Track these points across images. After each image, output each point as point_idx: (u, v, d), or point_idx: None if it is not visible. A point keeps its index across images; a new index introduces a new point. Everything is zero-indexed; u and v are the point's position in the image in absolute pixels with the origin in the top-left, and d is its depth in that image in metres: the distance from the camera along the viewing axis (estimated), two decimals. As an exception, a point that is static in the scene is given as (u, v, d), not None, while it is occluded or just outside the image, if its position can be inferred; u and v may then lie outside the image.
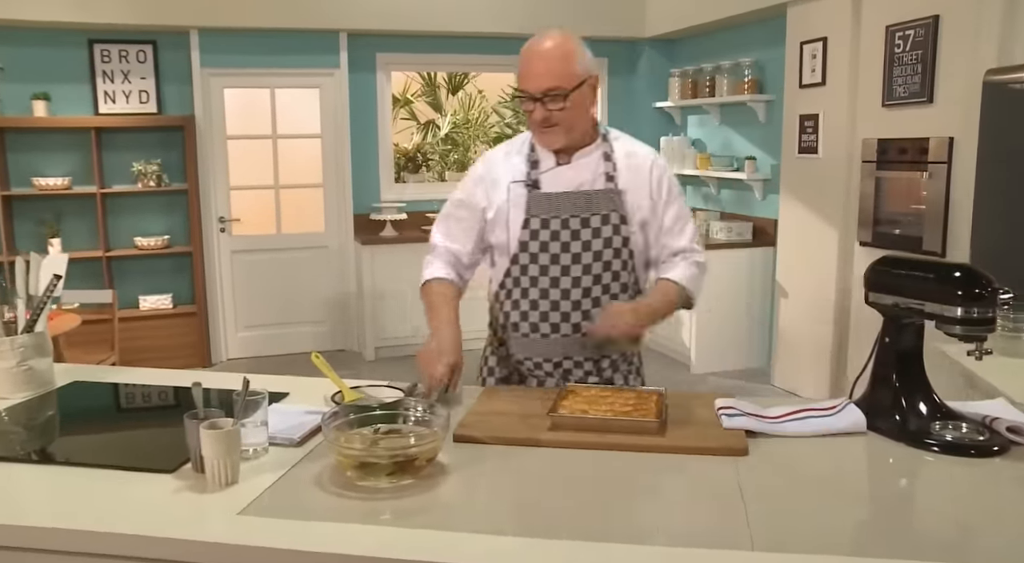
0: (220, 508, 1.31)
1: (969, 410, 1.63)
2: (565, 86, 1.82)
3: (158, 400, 1.96)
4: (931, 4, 3.98)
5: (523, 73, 1.85)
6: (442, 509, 1.34)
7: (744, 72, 5.58)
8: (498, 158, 2.01)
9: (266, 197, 6.04)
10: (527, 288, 1.94)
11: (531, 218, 1.91)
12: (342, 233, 6.16)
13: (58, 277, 1.89)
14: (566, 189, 1.91)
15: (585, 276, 1.91)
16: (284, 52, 5.87)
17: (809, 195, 4.88)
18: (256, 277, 6.04)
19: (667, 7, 6.13)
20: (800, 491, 1.40)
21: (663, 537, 1.22)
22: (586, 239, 1.90)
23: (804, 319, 4.99)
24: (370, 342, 5.98)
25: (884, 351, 1.66)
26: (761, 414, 1.66)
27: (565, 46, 1.84)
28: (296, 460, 1.49)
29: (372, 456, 1.38)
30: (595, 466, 1.49)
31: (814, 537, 1.22)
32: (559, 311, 1.92)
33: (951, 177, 3.90)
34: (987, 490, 1.40)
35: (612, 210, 1.91)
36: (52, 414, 1.84)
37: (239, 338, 6.05)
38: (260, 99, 5.97)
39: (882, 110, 4.30)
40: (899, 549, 1.17)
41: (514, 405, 1.76)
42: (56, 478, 1.44)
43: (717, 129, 6.16)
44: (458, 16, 6.00)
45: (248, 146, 5.99)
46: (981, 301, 1.48)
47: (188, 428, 1.42)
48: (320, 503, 1.34)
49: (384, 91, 6.27)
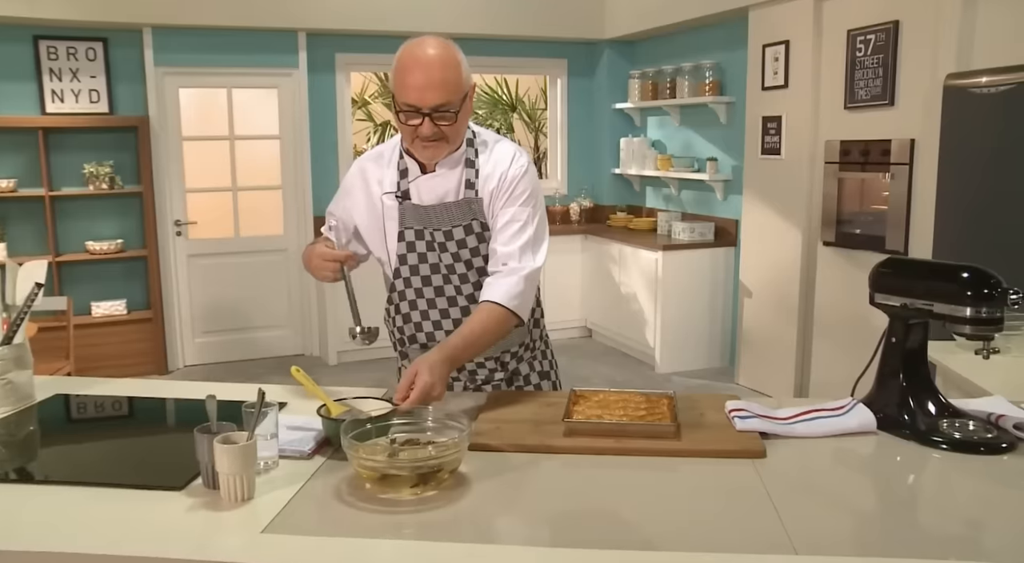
0: (241, 526, 1.25)
1: (971, 408, 1.66)
2: (455, 101, 1.73)
3: (148, 413, 1.88)
4: (891, 10, 4.08)
5: (409, 85, 1.71)
6: (468, 521, 1.31)
7: (705, 74, 5.64)
8: (369, 168, 1.93)
9: (223, 200, 5.90)
10: (414, 300, 1.92)
11: (405, 230, 1.87)
12: (302, 236, 6.05)
13: (40, 285, 1.80)
14: (429, 201, 1.86)
15: (464, 284, 1.89)
16: (241, 51, 5.74)
17: (772, 195, 4.96)
18: (214, 281, 5.89)
19: (626, 9, 6.17)
20: (825, 492, 1.40)
21: (703, 543, 1.21)
22: (453, 251, 1.87)
23: (768, 318, 5.07)
24: (332, 347, 5.88)
25: (890, 351, 1.68)
26: (771, 415, 1.66)
27: (453, 58, 1.73)
28: (309, 473, 1.45)
29: (394, 468, 1.34)
30: (615, 472, 1.47)
31: (851, 539, 1.23)
32: (450, 318, 1.91)
33: (913, 178, 4.00)
34: (1001, 487, 1.42)
35: (472, 219, 1.86)
36: (34, 430, 1.75)
37: (197, 344, 5.89)
38: (216, 99, 5.82)
39: (844, 112, 4.39)
40: (940, 550, 1.18)
41: (524, 412, 1.73)
42: (51, 499, 1.36)
43: (677, 130, 6.22)
44: (418, 16, 5.94)
45: (204, 147, 5.85)
46: (991, 301, 1.51)
47: (199, 443, 1.36)
48: (344, 517, 1.30)
49: (343, 92, 6.18)
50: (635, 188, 6.77)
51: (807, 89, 4.60)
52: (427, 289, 1.90)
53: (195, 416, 1.79)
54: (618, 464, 1.50)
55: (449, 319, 1.92)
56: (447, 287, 1.90)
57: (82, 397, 1.94)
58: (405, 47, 1.75)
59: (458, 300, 1.91)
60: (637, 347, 5.92)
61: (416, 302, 1.92)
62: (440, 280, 1.89)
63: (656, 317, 5.59)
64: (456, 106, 1.74)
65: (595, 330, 6.55)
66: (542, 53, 6.65)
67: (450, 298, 1.91)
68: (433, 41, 1.74)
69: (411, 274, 1.89)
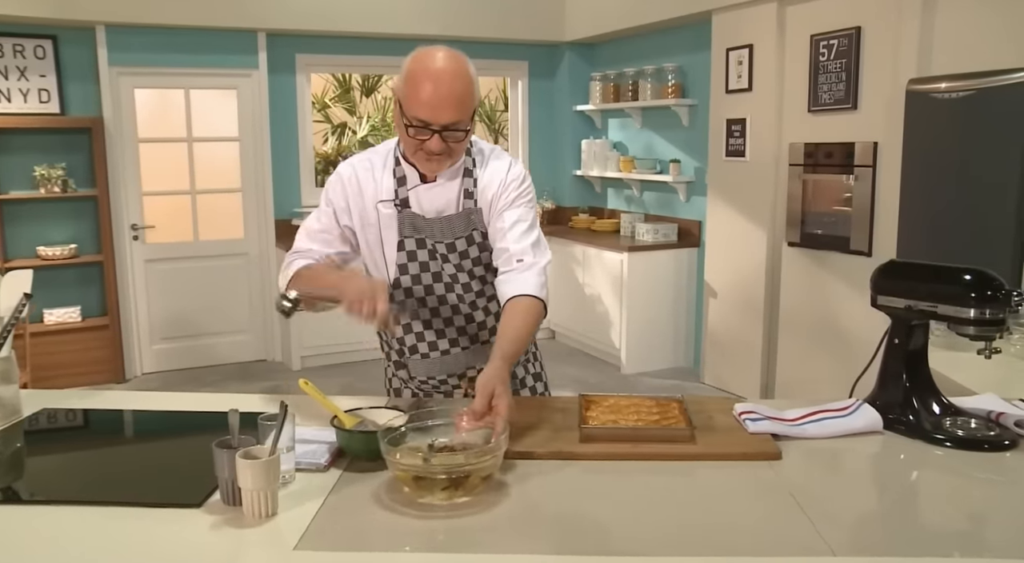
0: (271, 544, 1.22)
1: (969, 406, 1.71)
2: (466, 119, 1.70)
3: (140, 426, 1.82)
4: (853, 16, 4.18)
5: (422, 101, 1.65)
6: (498, 530, 1.29)
7: (667, 77, 5.70)
8: (362, 175, 1.85)
9: (182, 203, 5.76)
10: (416, 309, 1.88)
11: (405, 239, 1.83)
12: (263, 239, 5.94)
13: (28, 296, 1.73)
14: (429, 211, 1.83)
15: (467, 293, 1.87)
16: (199, 51, 5.61)
17: (737, 197, 5.04)
18: (172, 286, 5.74)
19: (587, 12, 6.21)
20: (846, 492, 1.43)
21: (739, 547, 1.22)
22: (456, 262, 1.85)
23: (733, 318, 5.15)
24: (296, 351, 5.79)
25: (893, 352, 1.71)
26: (780, 417, 1.69)
27: (467, 73, 1.69)
28: (329, 485, 1.41)
29: (427, 472, 1.33)
30: (636, 477, 1.47)
31: (883, 538, 1.25)
32: (454, 326, 1.89)
33: (876, 180, 4.10)
34: (1006, 482, 1.47)
35: (473, 229, 1.85)
36: (23, 447, 1.68)
37: (155, 351, 5.74)
38: (174, 100, 5.68)
39: (808, 115, 4.48)
40: (977, 548, 1.21)
41: (533, 418, 1.72)
42: (61, 520, 1.30)
43: (639, 132, 6.28)
44: (380, 17, 5.89)
45: (162, 149, 5.70)
46: (994, 303, 1.56)
47: (219, 458, 1.32)
48: (375, 530, 1.28)
49: (304, 93, 6.08)
50: (597, 190, 6.81)
51: (771, 92, 4.69)
52: (430, 298, 1.87)
53: (190, 428, 1.77)
54: (637, 469, 1.51)
55: (452, 327, 1.90)
56: (449, 296, 1.87)
57: (70, 411, 1.87)
58: (417, 58, 1.69)
59: (460, 308, 1.89)
60: (602, 348, 5.96)
61: (419, 312, 1.89)
62: (442, 289, 1.86)
63: (621, 318, 5.63)
64: (467, 124, 1.71)
65: (559, 332, 6.57)
66: (503, 55, 6.64)
67: (453, 307, 1.88)
68: (447, 54, 1.69)
69: (412, 284, 1.85)
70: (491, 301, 1.92)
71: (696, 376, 5.57)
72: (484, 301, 1.91)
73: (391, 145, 1.90)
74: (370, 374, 5.70)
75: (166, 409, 1.88)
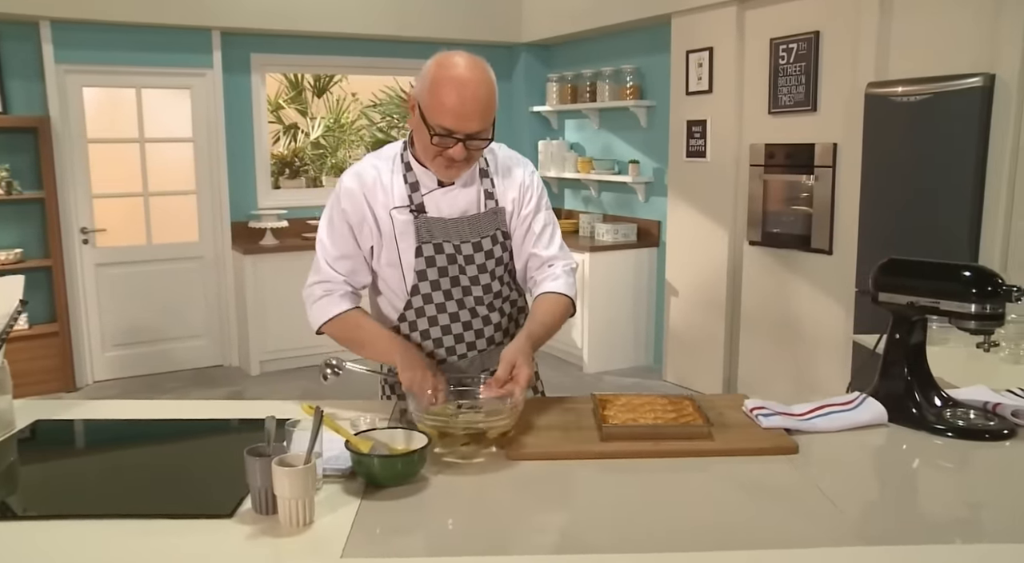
0: (316, 553, 1.20)
1: (964, 398, 1.78)
2: (489, 127, 1.71)
3: (143, 436, 1.77)
4: (812, 20, 4.30)
5: (448, 110, 1.65)
6: (537, 531, 1.30)
7: (626, 78, 5.77)
8: (371, 185, 1.81)
9: (134, 205, 5.59)
10: (434, 315, 1.86)
11: (423, 245, 1.80)
12: (218, 242, 5.81)
13: (24, 302, 1.66)
14: (451, 214, 1.82)
15: (487, 294, 1.88)
16: (151, 49, 5.45)
17: (698, 197, 5.12)
18: (125, 291, 5.57)
19: (544, 14, 6.24)
20: (869, 483, 1.48)
21: (782, 540, 1.24)
22: (480, 262, 1.84)
23: (695, 316, 5.23)
24: (255, 356, 5.68)
25: (894, 347, 1.77)
26: (788, 412, 1.73)
27: (490, 81, 1.69)
28: (358, 491, 1.40)
29: (450, 427, 1.52)
30: (661, 474, 1.49)
31: (919, 527, 1.30)
32: (472, 329, 1.89)
33: (836, 180, 4.22)
34: (1010, 470, 1.53)
35: (497, 229, 1.86)
36: (18, 460, 1.62)
37: (107, 358, 5.56)
38: (124, 99, 5.51)
39: (768, 117, 4.59)
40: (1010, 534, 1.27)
41: (547, 419, 1.73)
42: (89, 535, 1.25)
43: (596, 133, 6.33)
44: (336, 17, 5.82)
45: (112, 150, 5.52)
46: (994, 298, 1.62)
47: (251, 466, 1.29)
48: (417, 535, 1.27)
49: (259, 93, 5.97)
50: (554, 190, 6.85)
51: (731, 94, 4.78)
52: (449, 303, 1.85)
53: (191, 435, 1.73)
54: (659, 467, 1.53)
55: (471, 330, 1.89)
56: (467, 300, 1.86)
57: (65, 422, 1.80)
58: (441, 65, 1.67)
59: (478, 311, 1.88)
60: (564, 348, 5.99)
61: (437, 317, 1.86)
62: (460, 293, 1.85)
63: (582, 318, 5.67)
64: (489, 131, 1.72)
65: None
66: (459, 55, 6.62)
67: (471, 310, 1.87)
68: (471, 61, 1.68)
69: (432, 289, 1.83)
70: (505, 302, 1.92)
71: (658, 374, 5.65)
72: (500, 302, 1.91)
73: (396, 149, 1.87)
74: (329, 378, 5.63)
75: (163, 418, 1.83)
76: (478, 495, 1.41)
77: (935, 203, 3.62)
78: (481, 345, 1.90)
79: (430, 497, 1.38)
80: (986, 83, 3.44)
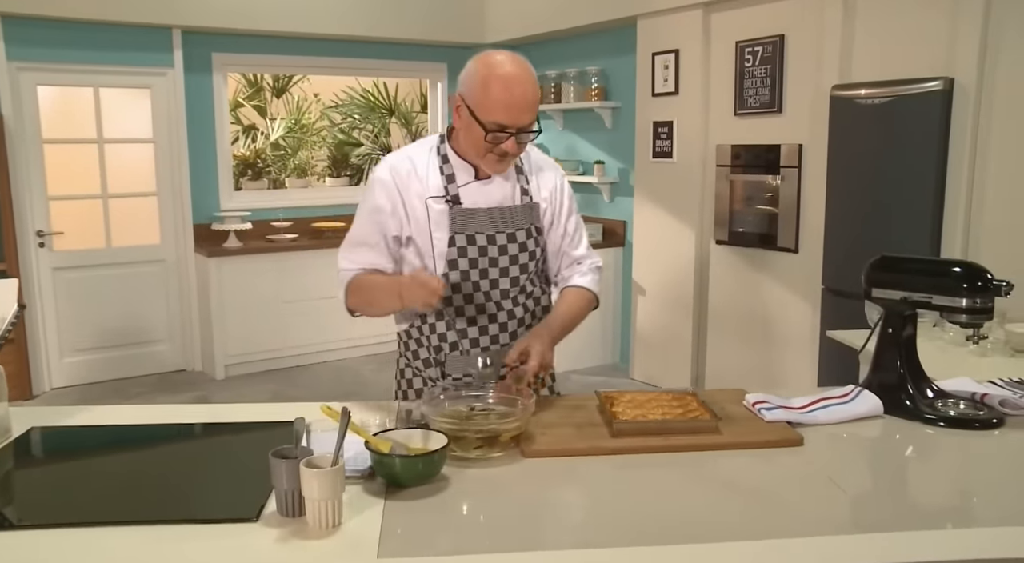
0: (352, 553, 1.20)
1: (952, 389, 1.85)
2: (536, 119, 1.81)
3: (143, 441, 1.73)
4: (777, 24, 4.40)
5: (501, 105, 1.73)
6: (583, 524, 1.32)
7: (591, 79, 5.82)
8: (405, 176, 1.87)
9: (93, 207, 5.45)
10: (461, 305, 1.90)
11: (456, 235, 1.86)
12: (180, 245, 5.70)
13: (22, 307, 1.62)
14: (488, 205, 1.88)
15: (513, 287, 1.92)
16: (109, 47, 5.32)
17: (664, 197, 5.20)
18: (84, 296, 5.43)
19: (508, 15, 6.26)
20: (877, 473, 1.53)
21: (796, 530, 1.28)
22: (513, 253, 1.90)
23: (663, 315, 5.31)
24: (220, 360, 5.58)
25: (887, 340, 1.83)
26: (788, 405, 1.77)
27: (533, 75, 1.79)
28: (379, 491, 1.39)
29: (462, 431, 1.51)
30: (675, 468, 1.52)
31: (937, 511, 1.35)
32: (497, 322, 1.93)
33: (801, 180, 4.33)
34: (1002, 457, 1.60)
35: (531, 223, 1.93)
36: (22, 468, 1.58)
37: (65, 364, 5.41)
38: (82, 99, 5.37)
39: (734, 118, 4.68)
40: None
41: (555, 417, 1.74)
42: (116, 542, 1.23)
43: (560, 134, 6.38)
44: (299, 17, 5.76)
45: (69, 151, 5.38)
46: (985, 293, 1.69)
47: (277, 468, 1.28)
48: (447, 533, 1.28)
49: (221, 93, 5.87)
50: (518, 191, 6.87)
51: (697, 96, 4.86)
52: (477, 294, 1.89)
53: (192, 440, 1.70)
54: (671, 461, 1.56)
55: (496, 323, 1.92)
56: (494, 292, 1.90)
57: (61, 429, 1.76)
58: (487, 63, 1.75)
59: (503, 304, 1.92)
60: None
61: (464, 308, 1.90)
62: (488, 285, 1.89)
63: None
64: (537, 124, 1.81)
65: (484, 332, 6.59)
66: (422, 57, 6.62)
67: (497, 303, 1.91)
68: (515, 59, 1.77)
69: (461, 280, 1.88)
70: (529, 298, 1.97)
71: (625, 373, 5.71)
72: (524, 298, 1.96)
73: (431, 143, 1.93)
74: (297, 380, 5.58)
75: (162, 422, 1.80)
76: (499, 492, 1.42)
77: (899, 202, 3.74)
78: (504, 339, 1.94)
79: (452, 496, 1.39)
80: (946, 86, 3.56)
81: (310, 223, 6.20)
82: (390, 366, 2.09)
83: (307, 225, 6.18)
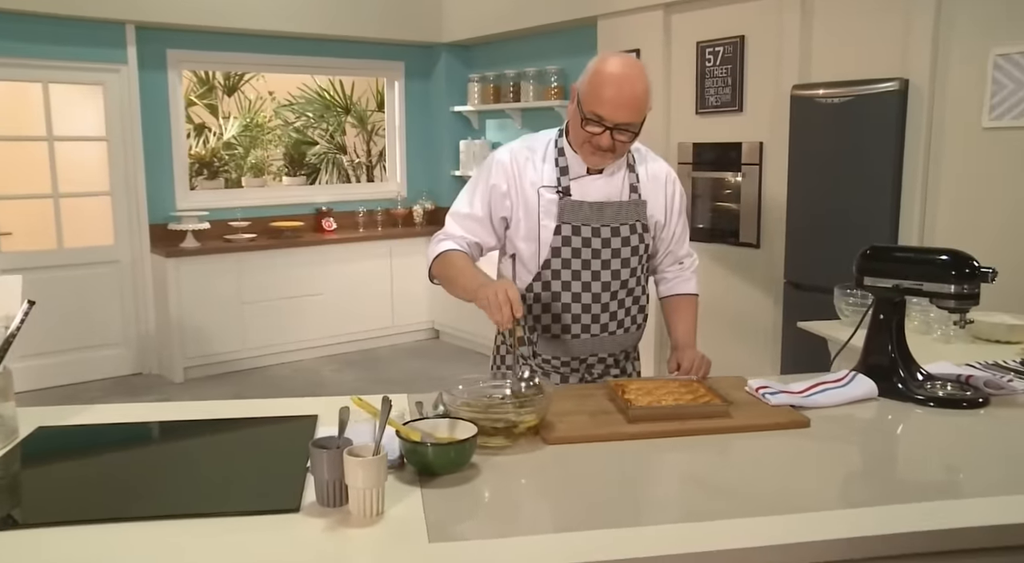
0: (403, 540, 1.21)
1: (937, 372, 1.95)
2: (638, 122, 1.87)
3: (164, 437, 1.72)
4: (737, 25, 4.51)
5: (604, 98, 1.82)
6: (614, 504, 1.35)
7: (550, 79, 5.88)
8: (523, 163, 1.99)
9: (43, 207, 5.28)
10: (558, 292, 1.99)
11: (563, 225, 1.95)
12: (136, 246, 5.57)
13: (31, 303, 1.59)
14: (597, 199, 1.97)
15: (614, 281, 2.00)
16: (59, 42, 5.17)
17: (626, 195, 5.27)
18: (35, 298, 5.21)
19: (466, 14, 6.28)
20: (889, 451, 1.61)
21: (837, 504, 1.35)
22: (616, 247, 1.98)
23: (625, 309, 5.38)
24: (178, 363, 5.47)
25: (878, 327, 1.92)
26: (788, 390, 1.85)
27: (646, 81, 1.86)
28: (412, 480, 1.41)
29: (481, 420, 1.52)
30: (692, 452, 1.58)
31: (951, 483, 1.43)
32: (590, 313, 2.01)
33: (762, 177, 4.45)
34: (989, 434, 1.70)
35: (637, 220, 2.01)
36: (32, 467, 1.55)
37: (17, 370, 5.17)
38: (30, 95, 5.20)
39: (696, 117, 4.79)
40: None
41: (569, 405, 1.78)
42: (155, 535, 1.22)
43: (519, 133, 6.41)
44: (255, 14, 5.69)
45: (17, 149, 5.21)
46: (972, 279, 1.79)
47: (317, 458, 1.29)
48: (487, 517, 1.30)
49: (176, 91, 5.75)
50: (477, 189, 6.89)
51: (659, 95, 4.95)
52: (574, 283, 1.98)
53: (203, 434, 1.69)
54: (687, 444, 1.61)
55: (588, 313, 1.99)
56: (594, 284, 1.98)
57: (71, 427, 1.73)
58: (603, 60, 1.85)
59: (601, 297, 2.00)
60: (488, 344, 6.01)
61: (560, 295, 1.98)
62: (588, 276, 1.97)
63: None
64: (637, 126, 1.88)
65: (443, 331, 6.60)
66: (378, 55, 6.59)
67: (594, 295, 1.99)
68: (629, 60, 1.88)
69: (562, 267, 1.96)
70: (629, 296, 2.05)
71: (588, 367, 5.78)
72: (623, 293, 2.03)
73: (551, 136, 2.02)
74: (258, 382, 5.50)
75: (169, 419, 1.79)
76: (529, 478, 1.46)
77: (857, 197, 3.88)
78: (595, 330, 2.01)
79: (485, 482, 1.42)
80: (901, 87, 3.71)
81: (268, 223, 6.12)
82: (350, 367, 2.12)
83: (265, 225, 6.10)
